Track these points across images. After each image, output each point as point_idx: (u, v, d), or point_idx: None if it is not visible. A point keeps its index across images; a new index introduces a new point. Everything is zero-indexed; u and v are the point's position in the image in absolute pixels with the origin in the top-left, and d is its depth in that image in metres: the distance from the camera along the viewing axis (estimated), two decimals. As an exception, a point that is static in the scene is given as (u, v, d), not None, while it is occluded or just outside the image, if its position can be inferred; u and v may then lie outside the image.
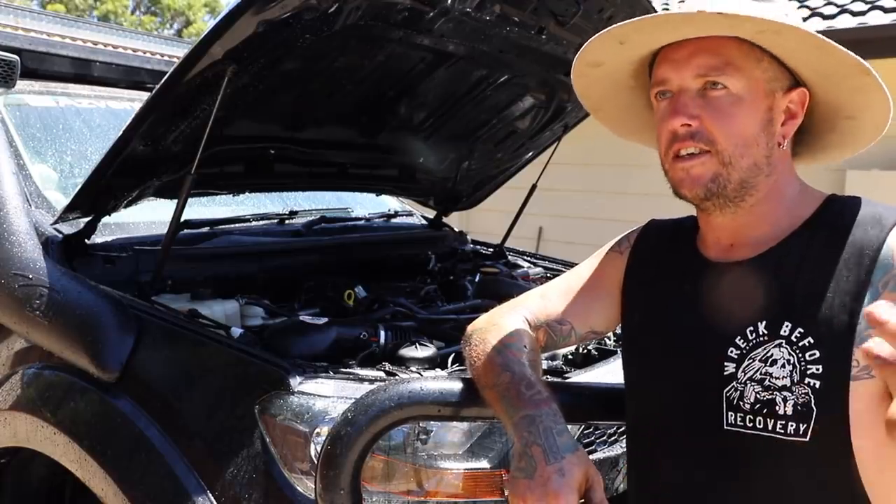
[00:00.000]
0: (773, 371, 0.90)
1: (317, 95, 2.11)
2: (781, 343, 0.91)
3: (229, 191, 2.33)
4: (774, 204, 0.99)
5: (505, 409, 0.97)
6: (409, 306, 2.03)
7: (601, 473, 1.54)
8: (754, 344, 0.93)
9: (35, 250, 1.74)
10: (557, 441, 0.90)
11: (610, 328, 1.22)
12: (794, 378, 0.89)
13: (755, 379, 0.92)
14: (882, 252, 0.88)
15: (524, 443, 0.91)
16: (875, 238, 0.90)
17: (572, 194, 5.98)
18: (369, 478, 1.36)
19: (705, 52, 0.94)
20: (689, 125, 0.95)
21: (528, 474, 0.88)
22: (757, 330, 0.93)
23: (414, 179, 2.91)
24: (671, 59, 0.97)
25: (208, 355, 1.57)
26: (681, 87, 0.96)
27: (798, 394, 0.88)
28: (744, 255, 0.99)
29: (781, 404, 0.89)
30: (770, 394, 0.90)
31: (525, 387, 0.98)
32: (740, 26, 0.90)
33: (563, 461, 0.88)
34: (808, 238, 0.95)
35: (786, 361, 0.90)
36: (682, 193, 0.99)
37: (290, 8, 1.51)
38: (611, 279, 1.17)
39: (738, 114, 0.94)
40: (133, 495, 1.45)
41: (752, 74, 0.94)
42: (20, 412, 1.68)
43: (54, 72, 2.58)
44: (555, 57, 2.22)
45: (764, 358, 0.92)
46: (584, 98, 1.14)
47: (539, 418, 0.93)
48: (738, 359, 0.94)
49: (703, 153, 0.95)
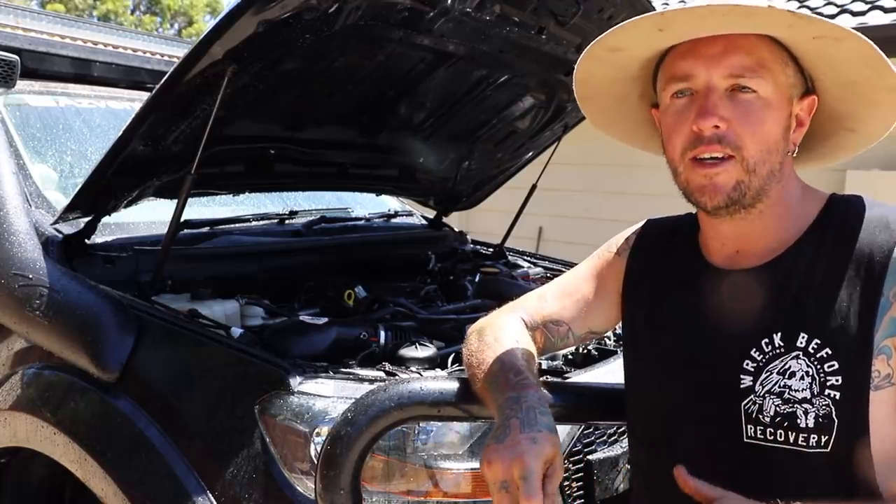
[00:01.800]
0: (793, 384, 0.90)
1: (317, 95, 2.11)
2: (799, 355, 0.90)
3: (229, 191, 2.33)
4: (781, 210, 0.97)
5: (492, 395, 0.97)
6: (409, 306, 2.03)
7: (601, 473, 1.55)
8: (771, 356, 0.92)
9: (35, 250, 1.74)
10: (538, 418, 0.89)
11: (608, 329, 1.22)
12: (814, 390, 0.88)
13: (774, 392, 0.91)
14: (892, 259, 0.88)
15: (504, 417, 0.91)
16: (884, 244, 0.89)
17: (572, 194, 5.97)
18: (369, 478, 1.36)
19: (739, 50, 0.90)
20: (717, 127, 0.90)
21: (500, 440, 0.87)
22: (773, 342, 0.92)
23: (414, 179, 2.91)
24: (701, 54, 0.92)
25: (208, 355, 1.57)
26: (708, 86, 0.92)
27: (819, 406, 0.88)
28: (751, 263, 0.98)
29: (802, 417, 0.88)
30: (791, 406, 0.89)
31: (513, 374, 0.98)
32: (802, 28, 0.86)
33: (539, 434, 0.87)
34: (816, 244, 0.94)
35: (804, 373, 0.89)
36: (700, 201, 0.96)
37: (290, 8, 1.50)
38: (610, 280, 1.17)
39: (768, 119, 0.91)
40: (133, 495, 1.45)
41: (779, 79, 0.92)
42: (20, 412, 1.68)
43: (54, 72, 2.58)
44: (555, 57, 2.22)
45: (782, 370, 0.91)
46: (581, 84, 1.09)
47: (524, 398, 0.93)
48: (754, 371, 0.93)
49: (727, 159, 0.91)
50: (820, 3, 5.15)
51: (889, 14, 4.72)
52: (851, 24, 4.79)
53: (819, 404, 0.88)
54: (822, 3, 5.13)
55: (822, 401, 0.88)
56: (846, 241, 0.92)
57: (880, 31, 4.62)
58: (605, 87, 1.09)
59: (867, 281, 0.88)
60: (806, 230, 0.96)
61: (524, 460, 0.83)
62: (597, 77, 1.07)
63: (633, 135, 1.17)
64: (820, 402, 0.88)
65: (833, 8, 5.03)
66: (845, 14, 4.93)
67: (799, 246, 0.96)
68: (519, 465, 0.83)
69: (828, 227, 0.95)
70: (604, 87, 1.09)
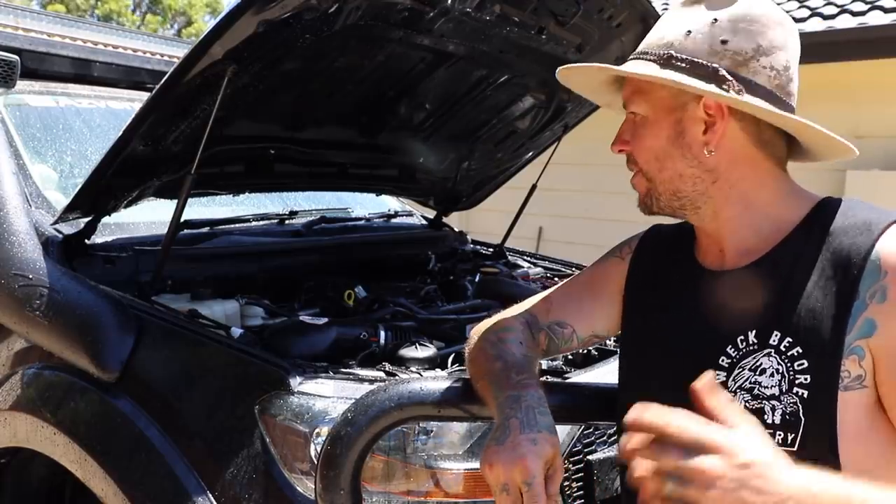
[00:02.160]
0: (762, 380, 0.91)
1: (317, 95, 2.11)
2: (770, 352, 0.91)
3: (229, 191, 2.33)
4: (741, 208, 0.99)
5: (493, 393, 0.99)
6: (409, 306, 2.03)
7: (601, 473, 1.55)
8: (744, 353, 0.94)
9: (35, 250, 1.74)
10: (537, 417, 0.91)
11: (612, 332, 1.23)
12: (782, 387, 0.89)
13: (745, 388, 0.92)
14: (869, 259, 0.87)
15: (504, 417, 0.92)
16: (862, 245, 0.89)
17: (572, 194, 5.98)
18: (369, 478, 1.36)
19: (628, 83, 1.04)
20: (622, 150, 1.05)
21: (500, 441, 0.89)
22: (747, 339, 0.94)
23: (414, 179, 2.91)
24: None
25: (208, 355, 1.57)
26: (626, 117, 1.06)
27: (786, 403, 0.89)
28: (737, 264, 1.00)
29: (769, 413, 0.89)
30: (759, 403, 0.90)
31: (515, 373, 1.00)
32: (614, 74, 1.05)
33: (539, 434, 0.89)
34: (798, 245, 0.95)
35: (774, 370, 0.90)
36: None
37: (290, 8, 1.51)
38: (613, 283, 1.18)
39: (646, 134, 1.01)
40: (133, 495, 1.45)
41: (657, 95, 0.99)
42: (20, 412, 1.68)
43: (54, 72, 2.58)
44: (555, 57, 2.22)
45: (753, 367, 0.92)
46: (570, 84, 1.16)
47: (524, 398, 0.95)
48: (728, 367, 0.95)
49: (637, 172, 1.05)
50: (820, 3, 5.15)
51: (889, 14, 4.72)
52: (851, 24, 4.79)
53: (787, 402, 0.89)
54: (822, 3, 5.13)
55: (789, 398, 0.88)
56: (828, 244, 0.92)
57: (880, 31, 4.63)
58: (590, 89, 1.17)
59: (843, 281, 0.88)
60: (791, 231, 0.97)
61: (525, 464, 0.85)
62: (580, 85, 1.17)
63: None
64: (788, 400, 0.89)
65: (833, 8, 5.03)
66: (845, 14, 4.92)
67: (781, 246, 0.97)
68: (520, 468, 0.85)
69: (812, 229, 0.95)
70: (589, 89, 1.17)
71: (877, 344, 0.86)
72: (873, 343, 0.86)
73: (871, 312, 0.86)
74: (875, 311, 0.86)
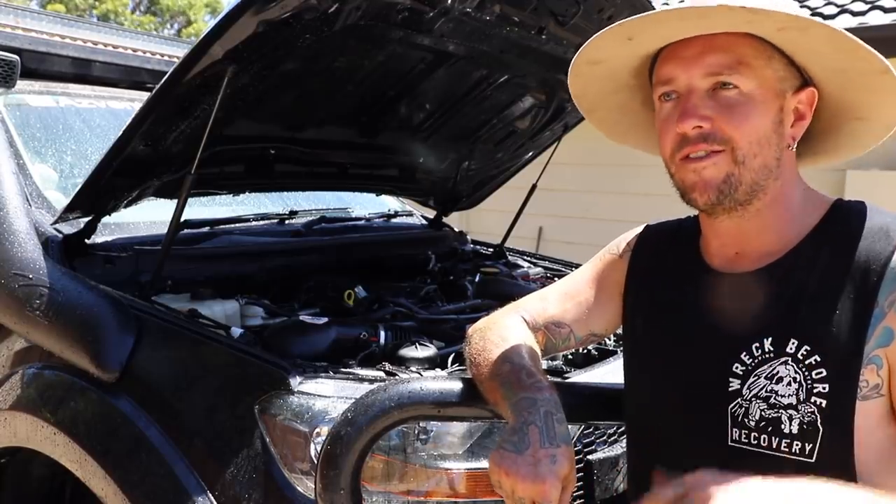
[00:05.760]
0: (779, 389, 0.89)
1: (317, 95, 2.11)
2: (787, 360, 0.89)
3: (229, 191, 2.33)
4: (780, 209, 0.96)
5: (504, 394, 0.96)
6: (409, 306, 2.03)
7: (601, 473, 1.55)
8: (760, 360, 0.92)
9: (35, 250, 1.74)
10: (556, 428, 0.89)
11: (609, 331, 1.22)
12: (800, 396, 0.88)
13: (760, 396, 0.91)
14: (889, 267, 0.86)
15: (522, 421, 0.90)
16: (881, 252, 0.88)
17: (572, 194, 5.97)
18: (369, 478, 1.36)
19: (716, 49, 0.90)
20: (700, 127, 0.91)
21: (519, 450, 0.87)
22: (763, 346, 0.92)
23: (414, 179, 2.91)
24: (679, 57, 0.93)
25: (208, 355, 1.57)
26: (689, 87, 0.93)
27: (804, 412, 0.87)
28: (749, 266, 0.98)
29: (787, 423, 0.88)
30: (776, 412, 0.89)
31: (526, 375, 0.98)
32: (761, 23, 0.86)
33: (558, 449, 0.87)
34: (815, 250, 0.93)
35: (792, 379, 0.89)
36: (691, 198, 0.96)
37: (290, 8, 1.50)
38: (611, 283, 1.17)
39: (752, 113, 0.91)
40: (133, 495, 1.45)
41: (764, 73, 0.91)
42: (20, 412, 1.68)
43: (54, 72, 2.58)
44: (555, 57, 2.22)
45: (769, 375, 0.90)
46: (579, 98, 1.11)
47: (541, 402, 0.92)
48: (743, 375, 0.93)
49: (716, 153, 0.92)
50: (820, 3, 5.15)
51: (889, 14, 4.72)
52: (851, 24, 4.79)
53: (804, 411, 0.87)
54: (823, 3, 5.13)
55: (807, 407, 0.87)
56: (845, 249, 0.91)
57: (880, 31, 4.62)
58: (601, 100, 1.11)
59: (862, 289, 0.87)
60: (806, 235, 0.95)
61: (544, 490, 0.84)
62: (592, 91, 1.09)
63: (645, 142, 1.17)
64: (805, 409, 0.87)
65: (833, 8, 5.03)
66: (845, 14, 4.93)
67: (798, 251, 0.95)
68: (539, 491, 0.84)
69: (828, 233, 0.94)
70: (600, 100, 1.11)
71: (894, 353, 0.86)
72: (890, 352, 0.86)
73: (889, 321, 0.86)
74: (893, 320, 0.85)
